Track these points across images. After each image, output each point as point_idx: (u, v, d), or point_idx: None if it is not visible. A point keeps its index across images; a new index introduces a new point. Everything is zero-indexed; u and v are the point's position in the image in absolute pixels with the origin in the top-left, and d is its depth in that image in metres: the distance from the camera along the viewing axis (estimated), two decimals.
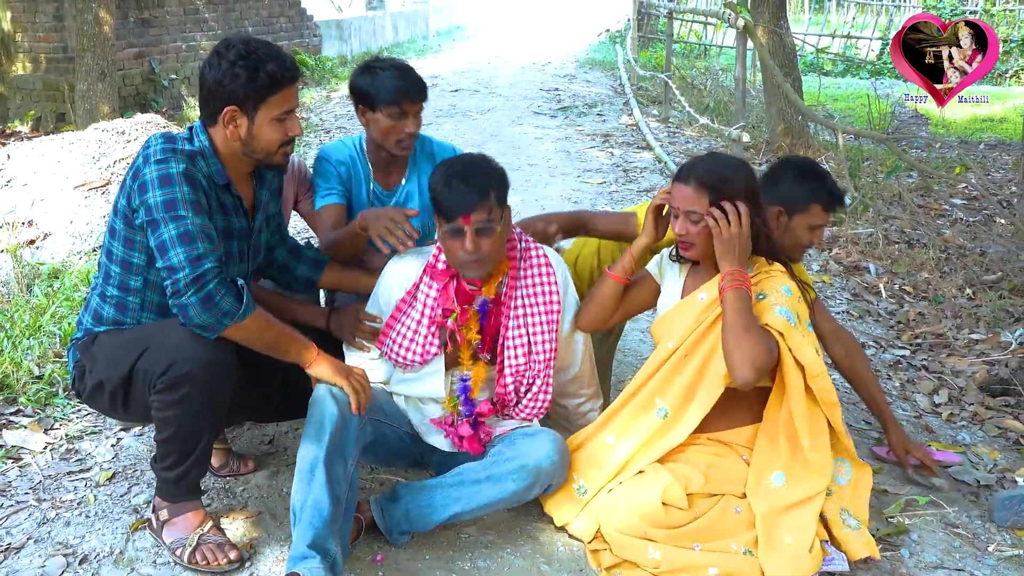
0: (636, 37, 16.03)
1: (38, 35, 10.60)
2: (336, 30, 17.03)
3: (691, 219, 2.86)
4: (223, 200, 2.82)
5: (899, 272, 5.77)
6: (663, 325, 3.05)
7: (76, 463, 3.41)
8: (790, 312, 2.81)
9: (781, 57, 8.82)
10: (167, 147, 2.68)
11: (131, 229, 2.70)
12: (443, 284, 2.93)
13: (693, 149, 9.40)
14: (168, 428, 2.68)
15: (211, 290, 2.55)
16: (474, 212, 2.76)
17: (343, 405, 2.71)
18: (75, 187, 6.60)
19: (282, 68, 2.71)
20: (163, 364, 2.57)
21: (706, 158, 2.97)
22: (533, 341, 2.97)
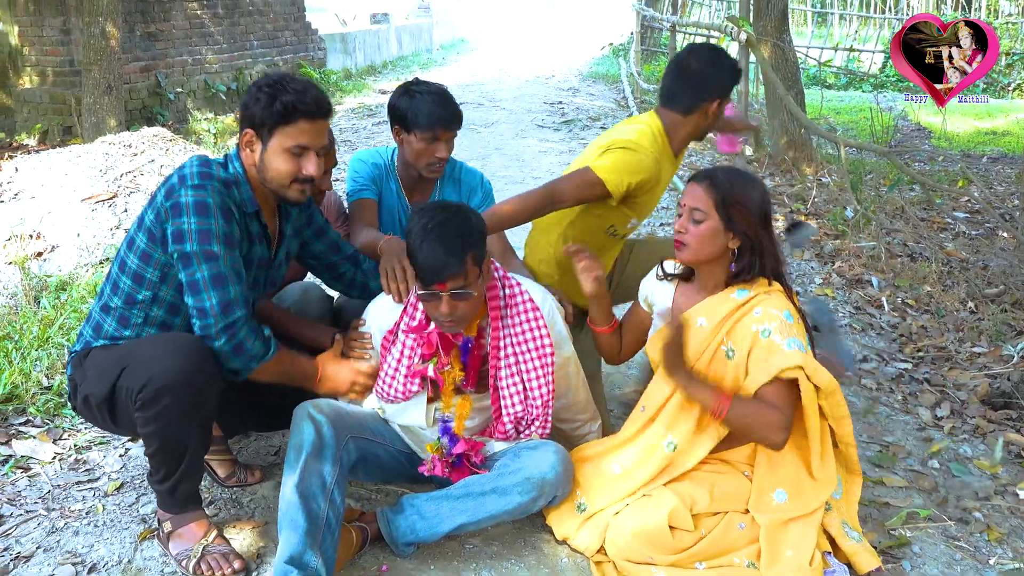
0: (639, 51, 16.10)
1: (45, 49, 10.66)
2: (341, 44, 17.11)
3: (694, 217, 2.83)
4: (250, 228, 2.86)
5: (901, 285, 5.79)
6: (657, 343, 3.03)
7: (85, 473, 3.45)
8: (799, 340, 2.76)
9: (784, 70, 8.85)
10: (204, 171, 2.73)
11: (153, 244, 2.74)
12: (424, 335, 2.92)
13: (697, 162, 9.43)
14: (153, 442, 2.71)
15: (242, 339, 2.71)
16: (451, 279, 2.71)
17: (321, 423, 2.80)
18: (82, 200, 6.64)
19: (300, 101, 2.73)
20: (141, 381, 2.61)
21: (728, 167, 2.96)
22: (529, 387, 2.96)
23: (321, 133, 2.82)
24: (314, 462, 2.75)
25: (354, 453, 2.91)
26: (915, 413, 4.15)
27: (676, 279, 3.09)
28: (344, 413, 2.95)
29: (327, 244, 3.21)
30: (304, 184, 2.82)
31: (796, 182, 8.53)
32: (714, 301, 2.90)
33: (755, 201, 2.83)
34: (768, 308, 2.80)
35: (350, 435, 2.90)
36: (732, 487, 2.89)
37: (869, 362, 4.68)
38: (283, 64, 14.28)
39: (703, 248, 2.85)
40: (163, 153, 7.50)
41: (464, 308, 2.79)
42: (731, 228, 2.83)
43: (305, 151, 2.79)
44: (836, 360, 4.06)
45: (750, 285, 2.87)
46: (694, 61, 3.38)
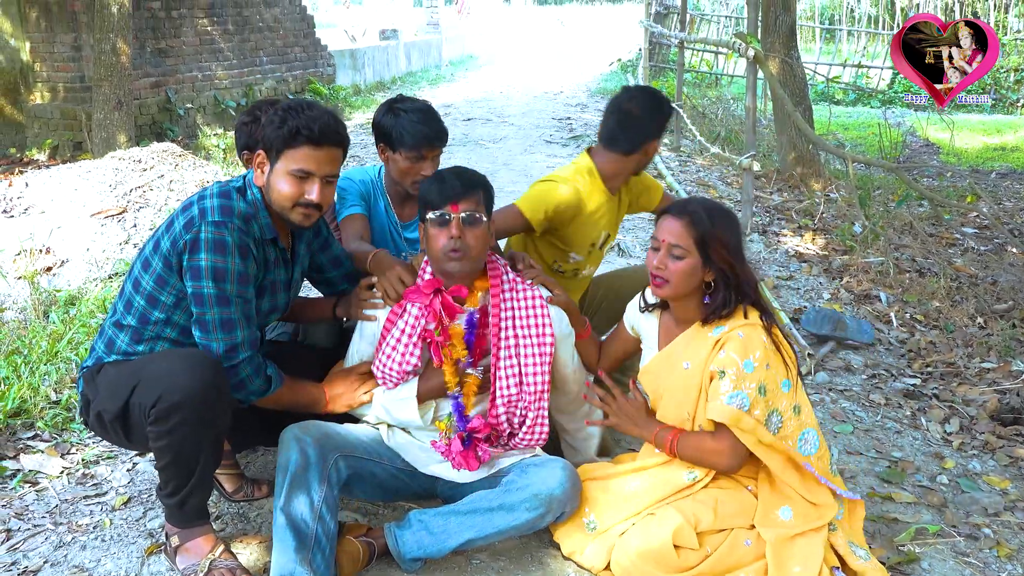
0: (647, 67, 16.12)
1: (56, 65, 10.71)
2: (350, 59, 17.17)
3: (673, 253, 2.82)
4: (268, 255, 2.90)
5: (910, 301, 5.78)
6: (648, 377, 3.07)
7: (92, 487, 3.45)
8: (745, 395, 2.74)
9: (792, 86, 8.86)
10: (225, 206, 2.75)
11: (168, 271, 2.77)
12: (427, 300, 2.98)
13: (705, 178, 9.44)
14: (164, 456, 2.73)
15: (243, 378, 2.81)
16: (462, 201, 2.88)
17: (306, 444, 2.84)
18: (92, 215, 6.66)
19: (306, 127, 2.75)
20: (153, 396, 2.62)
21: (700, 200, 2.97)
22: (524, 372, 3.00)
23: (328, 161, 2.83)
24: (300, 482, 2.78)
25: (344, 471, 2.92)
26: (924, 429, 4.14)
27: (657, 308, 3.11)
28: (332, 433, 2.98)
29: (330, 258, 3.24)
30: (308, 209, 2.83)
31: (804, 198, 8.53)
32: (695, 342, 2.90)
33: (733, 236, 2.85)
34: (731, 352, 2.78)
35: (339, 454, 2.92)
36: (736, 503, 2.88)
37: (877, 378, 4.67)
38: (292, 80, 14.33)
39: (682, 284, 2.85)
40: (172, 168, 7.52)
41: (472, 239, 2.89)
42: (708, 264, 2.83)
43: (309, 176, 2.80)
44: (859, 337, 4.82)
45: (726, 320, 2.86)
46: (635, 107, 3.57)
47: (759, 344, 2.78)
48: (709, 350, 2.83)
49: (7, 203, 6.89)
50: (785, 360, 2.85)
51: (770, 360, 2.79)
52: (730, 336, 2.80)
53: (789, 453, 2.81)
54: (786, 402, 2.82)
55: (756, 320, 2.84)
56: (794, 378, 2.87)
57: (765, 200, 8.41)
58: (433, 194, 2.91)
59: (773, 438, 2.77)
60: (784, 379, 2.82)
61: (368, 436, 3.09)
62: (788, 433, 2.82)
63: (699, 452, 2.88)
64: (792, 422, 2.82)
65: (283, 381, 2.95)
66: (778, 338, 2.86)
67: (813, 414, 2.93)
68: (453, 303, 2.99)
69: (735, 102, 13.89)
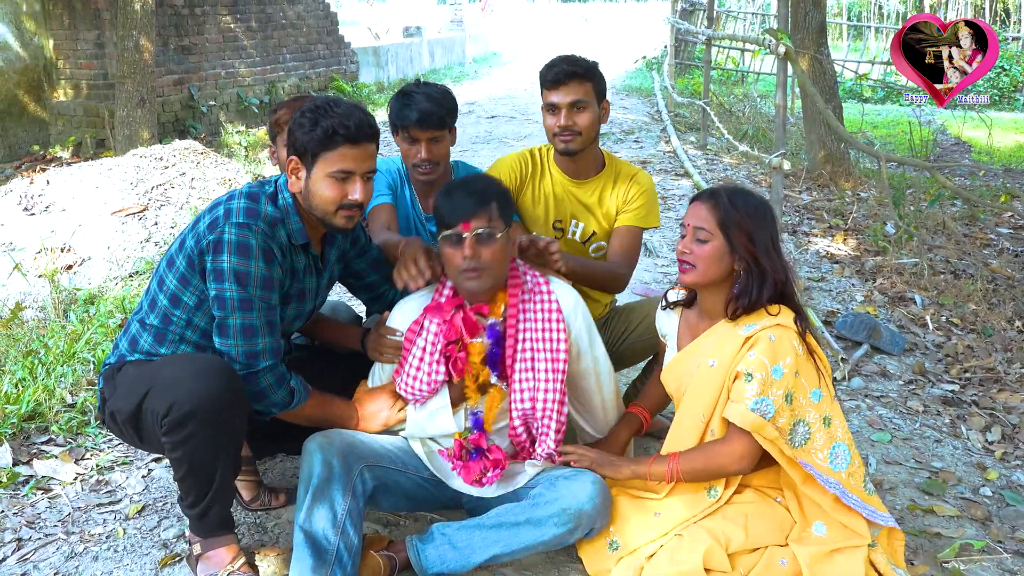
0: (673, 64, 15.98)
1: (79, 62, 10.71)
2: (373, 57, 17.11)
3: (698, 236, 2.71)
4: (296, 263, 2.79)
5: (946, 303, 5.63)
6: (670, 375, 2.94)
7: (106, 495, 3.37)
8: (771, 402, 2.60)
9: (822, 84, 8.71)
10: (251, 208, 2.66)
11: (191, 271, 2.68)
12: (448, 316, 2.86)
13: (732, 176, 9.29)
14: (182, 467, 2.64)
15: (264, 387, 2.69)
16: (474, 218, 2.73)
17: (330, 455, 2.72)
18: (113, 213, 6.62)
19: (341, 126, 2.63)
20: (165, 404, 2.53)
21: (731, 186, 2.85)
22: (536, 388, 2.87)
23: (366, 158, 2.72)
24: (322, 494, 2.66)
25: (371, 482, 2.80)
26: (965, 438, 3.99)
27: (679, 307, 2.99)
28: (357, 443, 2.85)
29: (368, 262, 3.14)
30: (351, 210, 2.72)
31: (834, 197, 8.38)
32: (723, 339, 2.75)
33: (757, 223, 2.70)
34: (761, 355, 2.63)
35: (364, 464, 2.79)
36: (767, 519, 2.73)
37: (913, 384, 4.52)
38: (315, 78, 14.27)
39: (709, 269, 2.73)
40: (194, 166, 7.46)
41: (488, 256, 2.75)
42: (736, 250, 2.70)
43: (349, 176, 2.69)
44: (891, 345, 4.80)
45: (758, 316, 2.72)
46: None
47: (790, 350, 2.64)
48: (737, 348, 2.68)
49: (28, 201, 6.85)
50: (819, 368, 2.72)
51: (801, 367, 2.65)
52: (760, 336, 2.66)
53: (819, 468, 2.66)
54: (815, 413, 2.68)
55: (789, 322, 2.69)
56: (827, 388, 2.72)
57: (794, 199, 8.26)
58: (443, 211, 2.78)
59: (794, 451, 2.63)
60: (815, 388, 2.68)
61: (394, 444, 2.97)
62: (817, 446, 2.67)
63: (708, 463, 2.72)
64: (821, 435, 2.68)
65: (309, 395, 2.83)
66: (812, 345, 2.72)
67: (846, 427, 2.77)
68: (474, 319, 2.86)
69: (762, 100, 13.73)
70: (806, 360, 2.67)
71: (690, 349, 2.86)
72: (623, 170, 3.59)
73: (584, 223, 3.57)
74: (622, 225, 3.53)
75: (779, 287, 2.72)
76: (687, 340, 2.91)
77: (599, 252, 3.60)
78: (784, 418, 2.62)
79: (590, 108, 3.38)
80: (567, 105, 3.35)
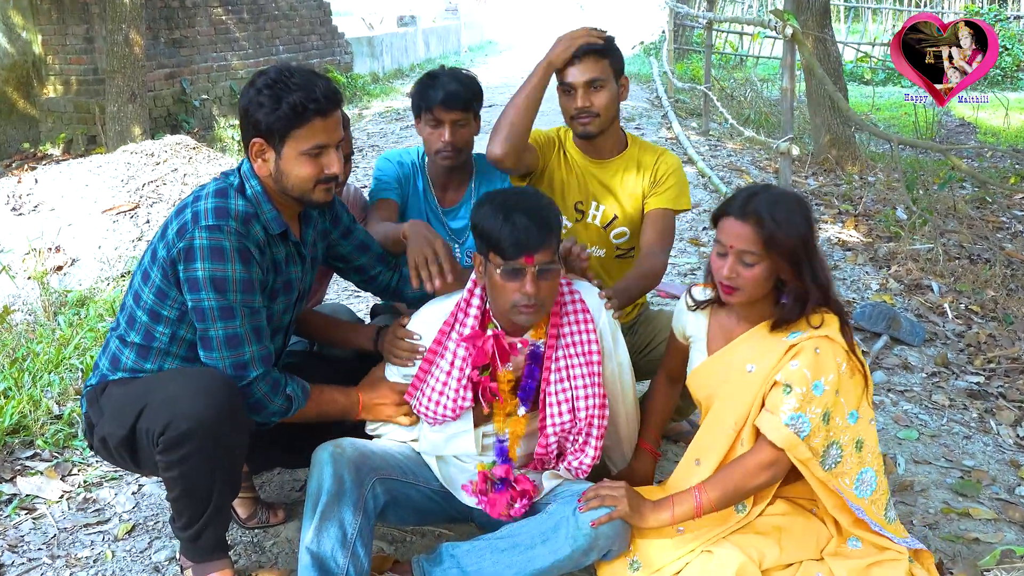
0: (672, 49, 15.76)
1: (69, 57, 10.52)
2: (367, 47, 16.91)
3: (744, 260, 2.46)
4: (276, 255, 2.59)
5: (963, 290, 5.45)
6: (700, 381, 2.72)
7: (94, 514, 3.18)
8: (808, 420, 2.39)
9: (826, 66, 8.51)
10: (220, 207, 2.45)
11: (167, 283, 2.49)
12: (479, 343, 2.62)
13: (737, 162, 9.11)
14: (176, 488, 2.45)
15: (259, 399, 2.51)
16: (539, 252, 2.45)
17: (342, 467, 2.52)
18: (103, 211, 6.48)
19: (308, 99, 2.43)
20: (161, 423, 2.34)
21: (764, 192, 2.54)
22: (576, 396, 2.65)
23: (337, 126, 2.53)
24: (332, 512, 2.47)
25: (382, 497, 2.60)
26: (996, 433, 3.81)
27: (708, 306, 2.75)
28: (370, 453, 2.65)
29: (354, 244, 2.94)
30: (328, 183, 2.54)
31: (841, 181, 8.20)
32: (764, 344, 2.53)
33: (800, 230, 2.46)
34: (804, 367, 2.41)
35: (376, 477, 2.59)
36: (801, 532, 2.54)
37: (936, 377, 4.35)
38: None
39: (757, 290, 2.50)
40: (186, 162, 7.29)
41: (547, 291, 2.52)
42: (781, 264, 2.46)
43: (324, 150, 2.50)
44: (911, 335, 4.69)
45: (803, 323, 2.50)
46: None
47: (833, 366, 2.43)
48: (780, 355, 2.47)
49: (16, 200, 6.70)
50: (865, 386, 2.50)
51: (842, 386, 2.44)
52: (806, 346, 2.44)
53: (844, 493, 2.46)
54: (849, 435, 2.47)
55: (836, 334, 2.47)
56: (866, 409, 2.51)
57: (800, 184, 8.07)
58: (504, 240, 2.44)
59: (827, 475, 2.44)
60: (853, 410, 2.46)
61: (403, 453, 2.76)
62: (846, 470, 2.47)
63: (739, 485, 2.48)
64: (852, 459, 2.47)
65: (308, 398, 2.63)
66: (858, 361, 2.50)
67: (878, 450, 2.56)
68: (506, 346, 2.63)
69: (763, 84, 13.53)
70: (849, 378, 2.46)
71: (724, 354, 2.64)
72: (647, 150, 3.38)
73: (605, 206, 3.34)
74: (654, 209, 3.30)
75: (823, 291, 2.50)
76: (720, 343, 2.68)
77: (621, 238, 3.38)
78: (819, 438, 2.42)
79: (608, 86, 3.17)
80: (583, 84, 3.13)
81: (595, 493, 2.52)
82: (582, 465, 2.70)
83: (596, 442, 2.68)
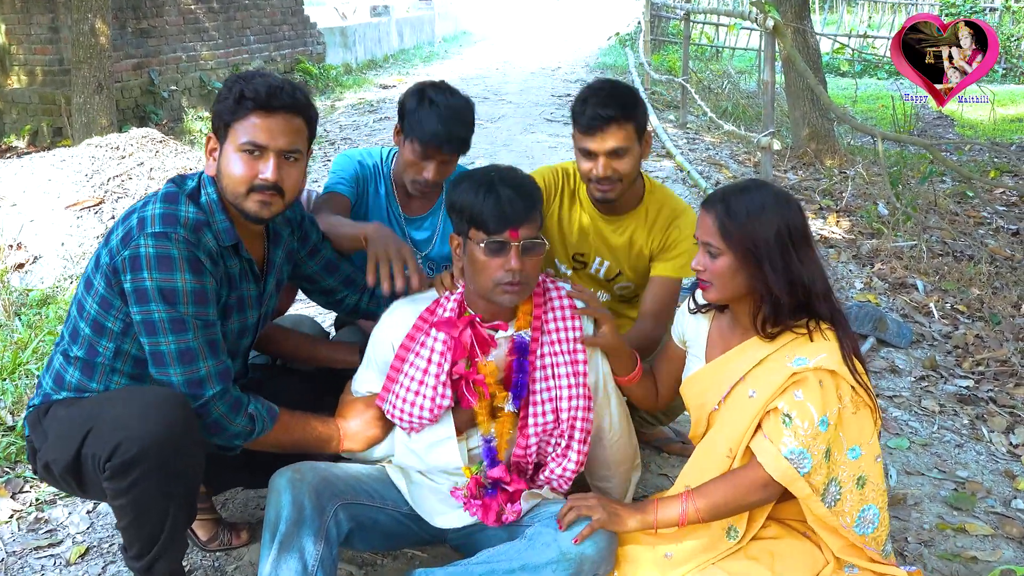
0: (648, 40, 15.64)
1: (33, 47, 10.26)
2: (340, 37, 16.68)
3: (708, 251, 2.34)
4: (230, 268, 2.42)
5: (949, 289, 5.34)
6: (694, 389, 2.57)
7: (45, 535, 3.00)
8: (809, 456, 2.22)
9: (806, 58, 8.39)
10: (168, 213, 2.27)
11: (112, 292, 2.31)
12: (456, 332, 2.48)
13: (715, 156, 8.99)
14: (126, 516, 2.27)
15: (217, 419, 2.32)
16: (524, 225, 2.34)
17: (301, 494, 2.35)
18: (67, 207, 6.29)
19: (251, 90, 2.27)
20: (108, 447, 2.15)
21: (741, 185, 2.41)
22: (559, 396, 2.52)
23: (283, 132, 2.34)
24: (292, 542, 2.29)
25: (346, 523, 2.43)
26: (988, 441, 3.69)
27: (710, 310, 2.59)
28: (332, 477, 2.47)
29: (321, 265, 2.77)
30: (263, 193, 2.34)
31: (821, 175, 8.10)
32: (769, 367, 2.35)
33: (761, 224, 2.28)
34: (808, 402, 2.24)
35: (340, 502, 2.42)
36: (795, 557, 2.37)
37: (925, 381, 4.23)
38: (281, 60, 13.84)
39: (727, 285, 2.34)
40: (153, 155, 7.08)
41: (531, 268, 2.40)
42: (741, 258, 2.31)
43: (262, 152, 2.32)
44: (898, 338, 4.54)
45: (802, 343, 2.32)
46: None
47: (835, 400, 2.26)
48: (783, 382, 2.29)
49: None
50: (872, 418, 2.35)
51: (842, 421, 2.28)
52: (809, 378, 2.26)
53: (845, 531, 2.32)
54: (848, 471, 2.30)
55: (839, 363, 2.28)
56: (869, 446, 2.34)
57: (780, 179, 7.96)
58: (487, 213, 2.33)
59: (827, 512, 2.28)
60: (854, 446, 2.30)
61: (370, 475, 2.59)
62: (846, 509, 2.30)
63: (730, 497, 2.31)
64: (852, 496, 2.30)
65: (276, 419, 2.44)
66: (865, 394, 2.32)
67: (882, 486, 2.38)
68: (486, 335, 2.49)
69: (740, 76, 13.43)
70: (851, 413, 2.30)
71: (719, 364, 2.48)
72: (664, 209, 3.09)
73: (609, 263, 3.16)
74: (658, 276, 3.09)
75: (797, 295, 2.32)
76: (717, 351, 2.53)
77: (625, 290, 3.21)
78: (820, 475, 2.26)
79: (632, 151, 2.88)
80: (605, 153, 2.86)
81: (568, 508, 2.39)
82: (565, 472, 2.57)
83: (579, 446, 2.55)
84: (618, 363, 2.69)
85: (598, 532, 2.36)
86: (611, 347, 2.63)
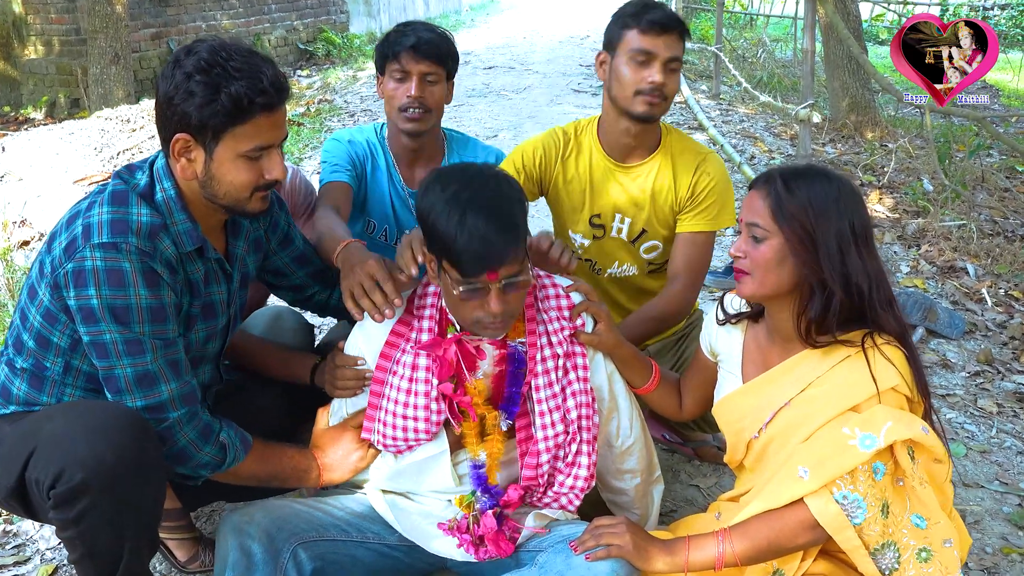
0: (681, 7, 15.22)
1: (50, 17, 10.11)
2: (364, 6, 16.39)
3: (753, 234, 2.03)
4: (192, 275, 2.14)
5: (1001, 272, 5.00)
6: (731, 413, 2.25)
7: (12, 551, 2.74)
8: (863, 502, 1.90)
9: (846, 24, 8.02)
10: (118, 219, 1.98)
11: (56, 305, 2.04)
12: (441, 351, 2.20)
13: (750, 128, 8.63)
14: (76, 550, 1.99)
15: (183, 447, 2.07)
16: (504, 265, 2.01)
17: (249, 538, 2.08)
18: (75, 181, 6.18)
19: (253, 89, 1.97)
20: (51, 472, 1.87)
21: (796, 166, 2.10)
22: (565, 398, 2.24)
23: (283, 122, 2.09)
24: None
25: (308, 563, 2.14)
26: None
27: (742, 319, 2.28)
28: (291, 514, 2.19)
29: (292, 257, 2.49)
30: (267, 191, 2.11)
31: (861, 149, 7.73)
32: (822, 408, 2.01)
33: (824, 214, 1.98)
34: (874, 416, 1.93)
35: (297, 542, 2.14)
36: None
37: (980, 377, 3.90)
38: (303, 29, 13.56)
39: (768, 277, 2.03)
40: None
41: (515, 303, 2.09)
42: (795, 244, 1.99)
43: (266, 151, 2.06)
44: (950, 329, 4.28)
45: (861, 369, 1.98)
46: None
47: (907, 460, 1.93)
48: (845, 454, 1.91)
49: None
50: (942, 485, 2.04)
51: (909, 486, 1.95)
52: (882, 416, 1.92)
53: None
54: (911, 539, 1.96)
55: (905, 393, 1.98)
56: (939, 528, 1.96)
57: (818, 153, 7.60)
58: (460, 252, 1.98)
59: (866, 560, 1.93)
60: (917, 512, 1.96)
61: (345, 508, 2.31)
62: None
63: (773, 539, 1.98)
64: (912, 569, 1.95)
65: (249, 449, 2.19)
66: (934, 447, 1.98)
67: (955, 560, 1.98)
68: (472, 351, 2.20)
69: (776, 44, 13.00)
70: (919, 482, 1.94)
71: (759, 385, 2.17)
72: (686, 152, 2.81)
73: (631, 219, 2.84)
74: (686, 232, 2.79)
75: (858, 299, 2.00)
76: (756, 368, 2.21)
77: (652, 252, 2.89)
78: (876, 530, 1.93)
79: (678, 74, 2.71)
80: (665, 60, 2.62)
81: (591, 534, 2.10)
82: (576, 484, 2.28)
83: (588, 447, 2.26)
84: (629, 371, 2.40)
85: (620, 563, 2.06)
86: (607, 347, 2.33)
